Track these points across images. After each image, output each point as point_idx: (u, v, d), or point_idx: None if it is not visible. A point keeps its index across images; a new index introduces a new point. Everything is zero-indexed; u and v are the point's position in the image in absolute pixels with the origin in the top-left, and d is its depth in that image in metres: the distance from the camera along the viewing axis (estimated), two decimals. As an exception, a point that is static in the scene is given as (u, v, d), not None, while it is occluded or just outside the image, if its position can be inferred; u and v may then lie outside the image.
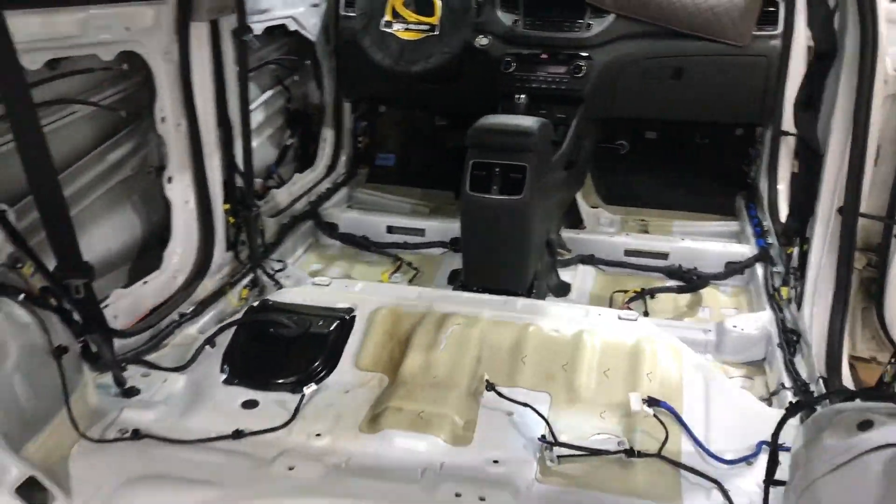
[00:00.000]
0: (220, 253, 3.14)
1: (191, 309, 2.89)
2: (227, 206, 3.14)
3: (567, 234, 3.76)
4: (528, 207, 2.92)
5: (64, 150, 2.66)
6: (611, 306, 3.26)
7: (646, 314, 3.19)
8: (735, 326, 2.88)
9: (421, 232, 3.87)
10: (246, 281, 3.23)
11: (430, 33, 3.42)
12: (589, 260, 3.65)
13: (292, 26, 3.87)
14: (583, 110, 3.76)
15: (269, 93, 4.01)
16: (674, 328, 2.84)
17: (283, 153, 4.18)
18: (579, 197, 4.11)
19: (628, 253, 3.68)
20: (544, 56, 3.79)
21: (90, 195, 2.79)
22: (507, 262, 3.07)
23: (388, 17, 3.43)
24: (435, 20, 3.45)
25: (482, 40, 3.84)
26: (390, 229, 3.91)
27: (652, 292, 3.35)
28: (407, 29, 3.50)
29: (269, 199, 3.79)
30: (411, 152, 4.67)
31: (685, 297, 3.40)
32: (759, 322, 2.88)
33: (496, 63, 3.81)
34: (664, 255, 3.63)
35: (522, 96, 3.70)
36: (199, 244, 3.06)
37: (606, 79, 3.74)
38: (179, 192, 2.96)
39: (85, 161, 2.75)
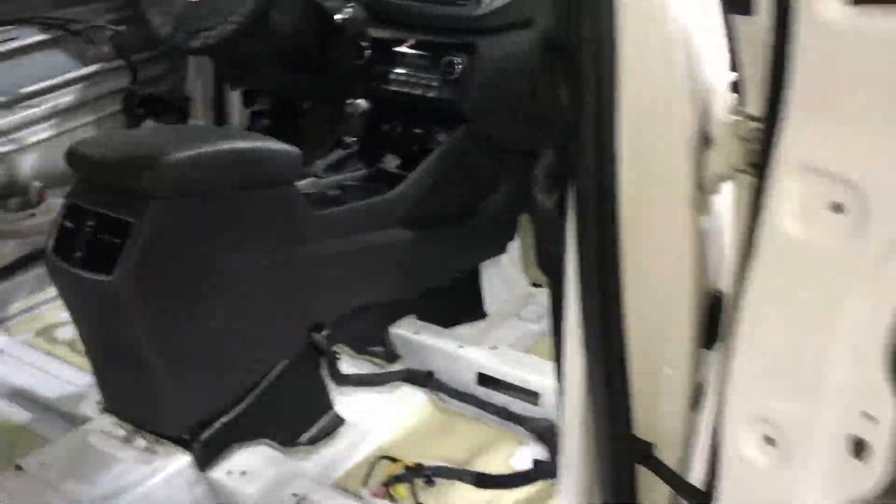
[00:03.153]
0: None
1: None
2: None
3: (409, 331, 2.34)
4: (128, 294, 1.62)
5: None
6: (364, 482, 1.87)
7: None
8: None
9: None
10: None
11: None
12: (419, 379, 2.23)
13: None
14: (465, 135, 2.31)
15: (93, 67, 2.97)
16: None
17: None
18: (493, 268, 2.64)
19: (484, 380, 2.20)
20: (410, 43, 2.38)
21: None
22: (133, 386, 1.80)
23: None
24: (226, -27, 2.23)
25: (346, 11, 2.50)
26: None
27: (433, 475, 1.87)
28: (191, -13, 2.30)
29: (47, 211, 2.77)
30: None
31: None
32: None
33: (351, 48, 2.47)
34: (534, 397, 2.11)
35: (359, 102, 2.35)
36: None
37: (502, 87, 2.25)
38: None
39: None
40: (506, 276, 2.69)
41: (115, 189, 1.66)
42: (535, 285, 2.74)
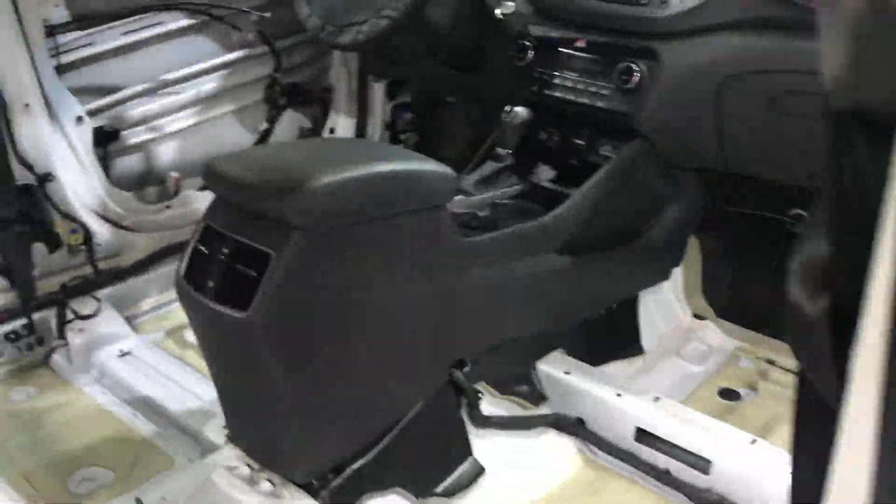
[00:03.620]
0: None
1: None
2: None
3: (558, 369, 2.09)
4: (264, 334, 1.44)
5: None
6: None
7: None
8: None
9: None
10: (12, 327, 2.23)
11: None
12: (568, 426, 1.99)
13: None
14: (637, 151, 2.04)
15: (236, 53, 2.85)
16: None
17: (261, 140, 3.01)
18: (652, 297, 2.37)
19: (643, 436, 1.93)
20: (579, 45, 2.10)
21: None
22: (262, 424, 1.64)
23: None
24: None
25: (507, 5, 2.25)
26: None
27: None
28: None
29: (183, 203, 2.69)
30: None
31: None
32: None
33: (512, 46, 2.23)
34: (704, 464, 1.83)
35: (518, 109, 2.11)
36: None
37: (686, 101, 1.95)
38: None
39: None
40: (666, 307, 2.41)
41: (254, 214, 1.48)
42: (698, 317, 2.45)
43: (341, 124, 3.06)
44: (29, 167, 2.20)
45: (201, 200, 2.73)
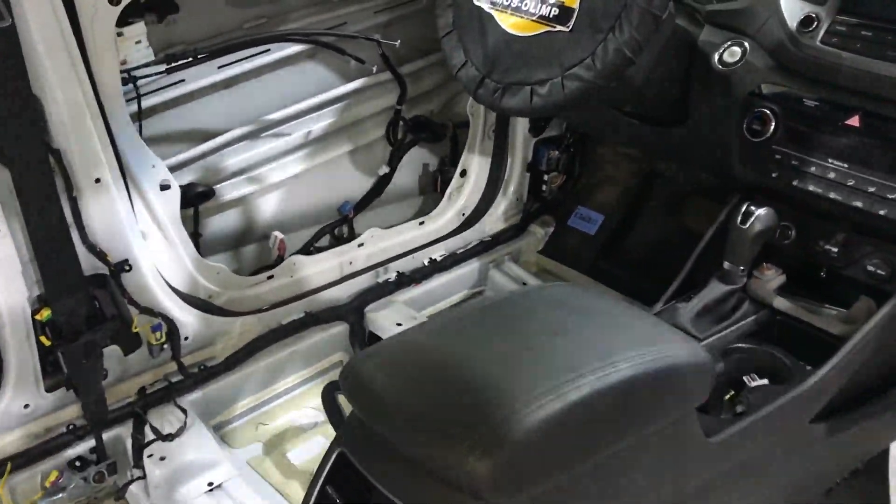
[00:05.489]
0: (21, 395, 1.70)
1: None
2: (46, 313, 1.65)
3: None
4: None
5: None
6: None
7: None
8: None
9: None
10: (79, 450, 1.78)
11: (557, 27, 1.44)
12: None
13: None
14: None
15: (353, 84, 2.31)
16: None
17: (379, 185, 2.48)
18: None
19: None
20: (850, 122, 1.47)
21: None
22: None
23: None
24: (573, 1, 1.45)
25: (732, 52, 1.63)
26: None
27: None
28: (517, 12, 1.54)
29: (288, 271, 2.18)
30: (636, 221, 2.57)
31: None
32: None
33: (738, 110, 1.61)
34: None
35: (762, 211, 1.51)
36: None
37: None
38: None
39: None
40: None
41: (415, 460, 0.94)
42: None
43: (475, 164, 2.49)
44: (101, 256, 1.71)
45: (309, 267, 2.23)
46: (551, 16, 1.47)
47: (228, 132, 2.12)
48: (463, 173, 2.49)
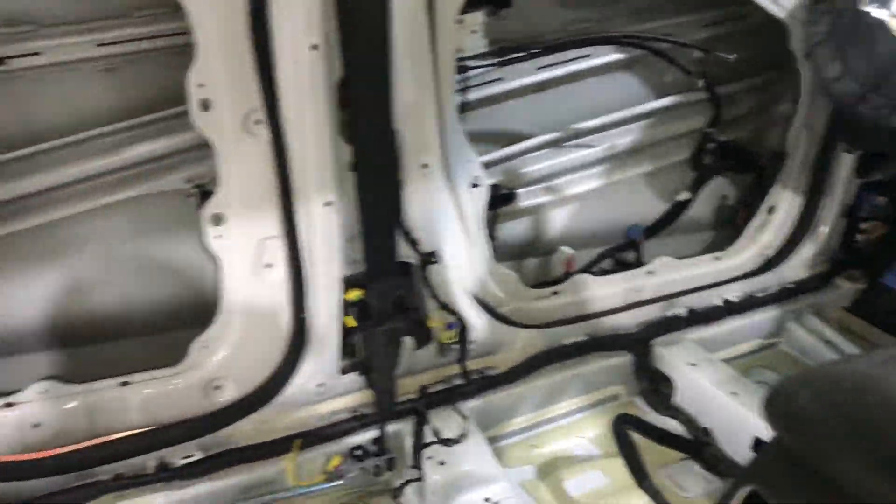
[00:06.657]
0: (318, 373, 1.68)
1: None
2: (355, 294, 1.63)
3: None
4: None
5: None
6: None
7: None
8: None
9: None
10: (361, 439, 1.73)
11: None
12: None
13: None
14: None
15: (667, 100, 2.16)
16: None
17: (675, 212, 2.30)
18: None
19: None
20: None
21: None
22: None
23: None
24: None
25: None
26: None
27: None
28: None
29: (574, 289, 2.06)
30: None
31: None
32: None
33: None
34: None
35: None
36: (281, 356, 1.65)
37: None
38: (235, 247, 1.56)
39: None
40: None
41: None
42: None
43: (786, 202, 2.24)
44: (413, 243, 1.67)
45: (595, 288, 2.08)
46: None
47: (534, 137, 2.04)
48: (770, 210, 2.25)
